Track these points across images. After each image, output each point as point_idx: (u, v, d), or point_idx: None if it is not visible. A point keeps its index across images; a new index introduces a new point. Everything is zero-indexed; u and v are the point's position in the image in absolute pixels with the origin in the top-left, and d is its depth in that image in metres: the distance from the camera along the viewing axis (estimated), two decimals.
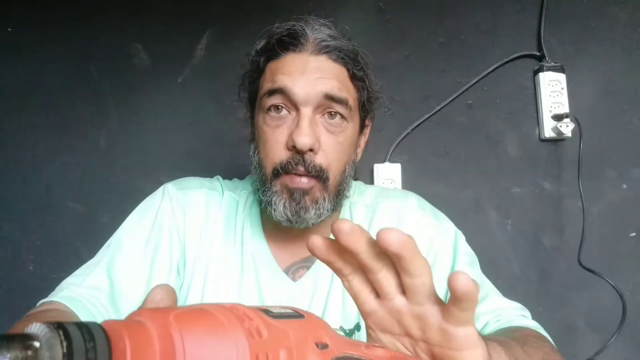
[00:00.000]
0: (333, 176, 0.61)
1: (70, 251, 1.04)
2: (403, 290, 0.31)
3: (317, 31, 0.62)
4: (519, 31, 1.06)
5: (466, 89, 1.05)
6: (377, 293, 0.32)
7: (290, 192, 0.59)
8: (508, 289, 1.00)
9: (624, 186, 1.02)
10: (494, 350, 0.34)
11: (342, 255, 0.31)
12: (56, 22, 1.11)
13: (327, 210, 0.61)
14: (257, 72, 0.65)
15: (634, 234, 1.01)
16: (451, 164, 1.04)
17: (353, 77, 0.63)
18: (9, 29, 1.12)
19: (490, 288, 0.66)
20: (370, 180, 1.04)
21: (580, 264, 0.91)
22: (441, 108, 1.05)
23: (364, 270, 0.31)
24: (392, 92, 1.07)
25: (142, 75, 1.10)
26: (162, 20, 1.11)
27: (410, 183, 1.03)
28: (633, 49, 1.05)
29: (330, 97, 0.59)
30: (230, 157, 1.05)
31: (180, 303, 0.64)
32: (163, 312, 0.24)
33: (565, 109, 1.02)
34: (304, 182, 0.59)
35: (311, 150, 0.58)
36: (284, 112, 0.60)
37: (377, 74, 1.07)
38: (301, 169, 0.58)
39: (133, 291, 0.60)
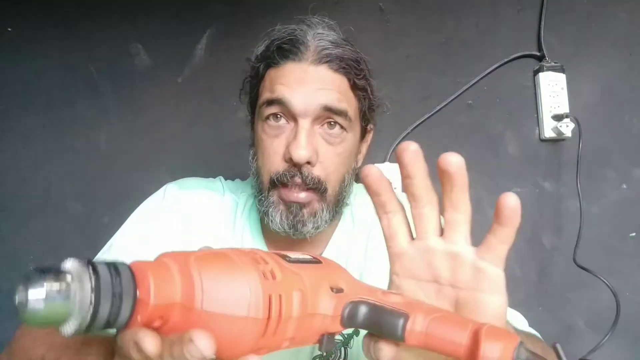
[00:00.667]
0: (332, 187, 0.60)
1: (70, 251, 1.04)
2: (440, 232, 0.33)
3: (318, 37, 0.61)
4: (519, 31, 1.06)
5: (466, 89, 1.05)
6: (412, 237, 0.33)
7: (287, 205, 0.58)
8: (508, 289, 1.00)
9: (624, 186, 1.02)
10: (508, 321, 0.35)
11: (390, 190, 0.33)
12: (56, 22, 1.11)
13: (325, 221, 0.60)
14: (256, 78, 0.64)
15: (634, 234, 1.01)
16: None
17: (354, 87, 0.62)
18: (9, 29, 1.12)
19: None
20: None
21: (575, 262, 0.92)
22: (441, 108, 1.05)
23: (410, 201, 0.33)
24: (392, 92, 1.07)
25: (142, 75, 1.10)
26: (162, 20, 1.10)
27: None
28: (633, 49, 1.05)
29: (329, 109, 0.58)
30: (231, 157, 1.05)
31: None
32: (185, 254, 0.26)
33: (565, 109, 1.02)
34: (301, 196, 0.58)
35: (309, 163, 0.57)
36: (283, 121, 0.59)
37: (377, 74, 1.07)
38: (298, 180, 0.57)
39: None
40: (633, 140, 1.03)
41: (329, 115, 0.58)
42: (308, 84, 0.58)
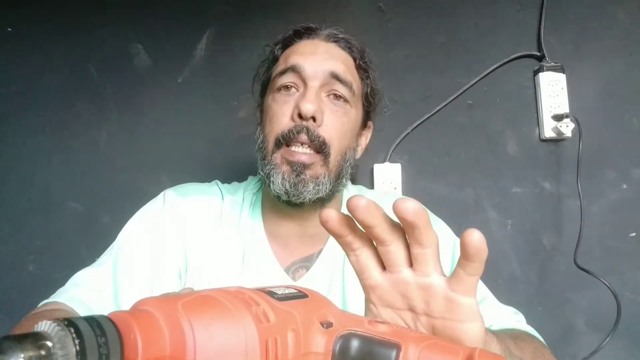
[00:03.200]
0: (334, 154, 0.62)
1: (70, 251, 1.04)
2: (410, 263, 0.32)
3: (329, 27, 0.68)
4: (519, 31, 1.06)
5: (466, 89, 1.05)
6: (383, 267, 0.33)
7: (291, 164, 0.60)
8: (508, 289, 1.00)
9: (624, 186, 1.02)
10: (487, 334, 0.35)
11: (352, 230, 0.32)
12: (56, 22, 1.11)
13: (327, 188, 0.61)
14: (272, 61, 0.69)
15: (634, 234, 1.01)
16: (451, 164, 1.04)
17: (359, 67, 0.68)
18: (9, 29, 1.12)
19: (486, 293, 0.66)
20: (370, 180, 1.04)
21: (576, 264, 0.91)
22: (441, 108, 1.05)
23: (375, 243, 0.32)
24: (392, 92, 1.07)
25: (142, 75, 1.10)
26: (162, 20, 1.11)
27: (410, 183, 1.03)
28: (633, 49, 1.05)
29: (336, 76, 0.63)
30: (230, 157, 1.05)
31: None
32: (169, 301, 0.24)
33: (565, 109, 1.02)
34: (305, 156, 0.60)
35: (314, 120, 0.60)
36: (293, 90, 0.63)
37: (377, 74, 1.07)
38: (304, 137, 0.60)
39: (137, 294, 0.60)
40: (633, 140, 1.03)
41: (335, 83, 0.63)
42: (318, 54, 0.64)
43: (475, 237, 0.29)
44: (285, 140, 0.60)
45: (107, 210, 1.06)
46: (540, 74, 1.03)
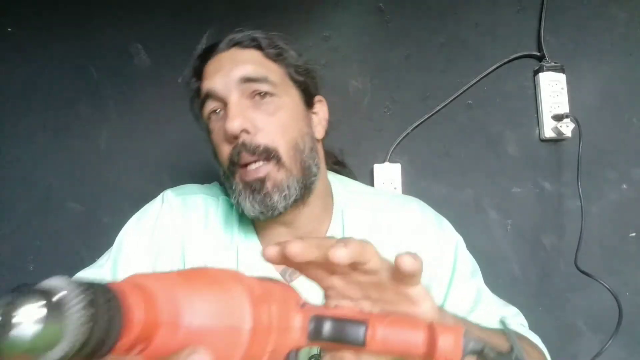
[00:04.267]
0: (285, 152, 0.60)
1: (70, 251, 1.04)
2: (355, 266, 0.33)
3: (229, 35, 0.65)
4: (519, 31, 1.06)
5: (466, 89, 1.05)
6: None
7: (250, 186, 0.59)
8: (508, 289, 1.00)
9: (624, 186, 1.02)
10: (441, 309, 0.38)
11: (299, 256, 0.32)
12: (56, 22, 1.11)
13: (295, 189, 0.60)
14: (196, 95, 0.67)
15: (634, 234, 1.01)
16: (451, 164, 1.04)
17: (268, 56, 0.64)
18: (9, 29, 1.12)
19: (488, 297, 0.65)
20: (370, 180, 1.04)
21: (576, 266, 0.91)
22: (441, 108, 1.05)
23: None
24: (392, 92, 1.07)
25: (142, 75, 1.10)
26: (162, 20, 1.11)
27: (410, 183, 1.03)
28: (633, 49, 1.05)
29: (247, 79, 0.60)
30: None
31: None
32: (163, 273, 0.25)
33: (565, 109, 1.02)
34: (258, 171, 0.59)
35: (247, 133, 0.58)
36: (221, 112, 0.62)
37: (377, 74, 1.07)
38: (245, 155, 0.58)
39: None
40: (633, 140, 1.03)
41: (250, 85, 0.60)
42: (224, 67, 0.62)
43: (407, 263, 0.31)
44: (235, 165, 0.60)
45: (107, 210, 1.06)
46: (540, 74, 1.03)
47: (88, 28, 1.11)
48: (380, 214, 0.68)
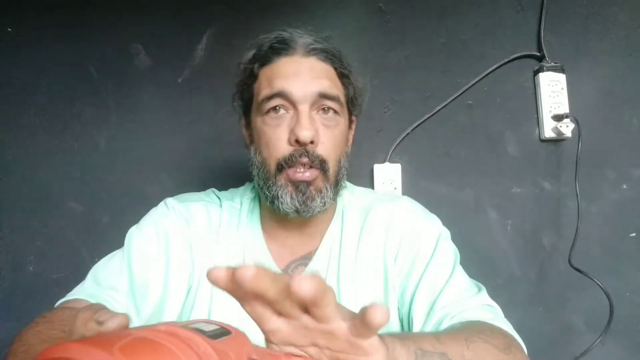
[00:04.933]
0: (332, 166, 0.65)
1: (70, 251, 1.04)
2: (306, 309, 0.31)
3: (303, 37, 0.67)
4: (519, 31, 1.06)
5: (466, 89, 1.05)
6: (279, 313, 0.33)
7: (295, 185, 0.62)
8: (507, 289, 1.00)
9: (624, 186, 1.02)
10: (394, 350, 0.36)
11: (249, 285, 0.30)
12: (56, 22, 1.11)
13: (330, 198, 0.64)
14: (251, 79, 0.68)
15: (634, 234, 1.01)
16: (451, 164, 1.04)
17: (341, 75, 0.68)
18: (9, 29, 1.12)
19: (457, 282, 0.64)
20: (370, 180, 1.04)
21: (570, 263, 0.92)
22: (441, 108, 1.05)
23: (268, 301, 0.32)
24: (392, 92, 1.07)
25: (142, 75, 1.10)
26: (162, 20, 1.10)
27: (410, 183, 1.04)
28: (633, 49, 1.05)
29: (324, 95, 0.64)
30: (231, 157, 1.05)
31: (188, 306, 0.65)
32: (104, 345, 0.21)
33: (565, 109, 1.02)
34: (307, 174, 0.62)
35: (312, 142, 0.62)
36: (282, 111, 0.64)
37: (377, 74, 1.07)
38: (305, 160, 0.62)
39: (150, 293, 0.63)
40: (633, 140, 1.03)
41: (323, 101, 0.64)
42: (303, 75, 0.64)
43: (378, 316, 0.29)
44: (288, 165, 0.62)
45: (107, 210, 1.06)
46: (540, 74, 1.03)
47: (88, 28, 1.11)
48: (371, 211, 0.71)
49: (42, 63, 1.10)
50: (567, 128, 0.99)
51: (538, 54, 1.05)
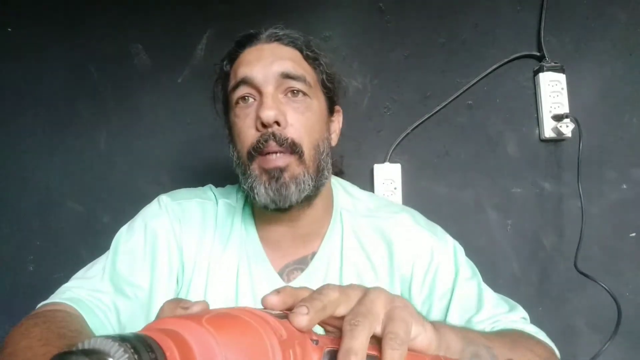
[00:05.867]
0: (307, 150, 0.62)
1: (70, 251, 1.04)
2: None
3: (269, 29, 0.67)
4: (519, 31, 1.06)
5: (466, 89, 1.05)
6: None
7: (268, 173, 0.60)
8: (508, 289, 1.00)
9: (624, 186, 1.02)
10: (445, 333, 0.37)
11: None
12: (56, 22, 1.11)
13: (309, 185, 0.61)
14: (224, 78, 0.68)
15: (634, 234, 1.01)
16: (451, 164, 1.04)
17: (307, 58, 0.67)
18: (9, 29, 1.12)
19: (488, 295, 0.65)
20: (370, 180, 1.04)
21: (576, 268, 0.91)
22: (441, 108, 1.05)
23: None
24: (392, 92, 1.07)
25: (142, 75, 1.10)
26: (162, 20, 1.11)
27: (410, 183, 1.03)
28: (633, 49, 1.05)
29: (287, 75, 0.62)
30: (230, 157, 1.05)
31: None
32: (194, 319, 0.24)
33: (565, 109, 1.02)
34: (279, 160, 0.60)
35: (278, 124, 0.60)
36: (251, 100, 0.63)
37: (377, 74, 1.07)
38: (272, 144, 0.59)
39: (136, 294, 0.61)
40: (633, 140, 1.03)
41: (288, 82, 0.63)
42: (264, 58, 0.64)
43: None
44: (257, 152, 0.61)
45: (107, 210, 1.06)
46: (540, 74, 1.03)
47: (88, 28, 1.11)
48: (374, 220, 0.69)
49: (42, 63, 1.10)
50: (567, 128, 0.99)
51: (538, 54, 1.05)
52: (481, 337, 0.43)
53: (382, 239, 0.67)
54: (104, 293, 0.61)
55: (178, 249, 0.66)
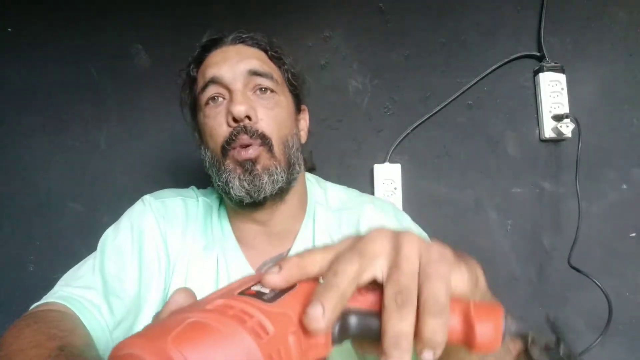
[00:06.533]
0: (277, 144, 0.64)
1: (70, 251, 1.04)
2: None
3: (232, 32, 0.70)
4: (519, 31, 1.06)
5: (466, 89, 1.05)
6: None
7: (242, 165, 0.62)
8: (508, 289, 1.00)
9: (624, 186, 1.02)
10: (470, 259, 0.33)
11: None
12: (56, 22, 1.11)
13: (282, 178, 0.63)
14: (191, 82, 0.70)
15: (634, 234, 1.01)
16: (451, 164, 1.04)
17: (272, 57, 0.69)
18: (9, 29, 1.12)
19: None
20: (370, 180, 1.04)
21: (569, 264, 0.92)
22: (441, 108, 1.05)
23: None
24: (392, 92, 1.07)
25: (142, 75, 1.10)
26: (162, 20, 1.11)
27: (410, 183, 1.03)
28: (633, 49, 1.05)
29: (254, 72, 0.65)
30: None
31: (161, 305, 0.65)
32: (156, 338, 0.22)
33: (565, 109, 1.02)
34: (250, 152, 0.62)
35: (249, 119, 0.62)
36: (220, 99, 0.65)
37: (377, 74, 1.07)
38: (244, 137, 0.61)
39: (126, 290, 0.63)
40: (633, 140, 1.03)
41: (256, 79, 0.65)
42: (231, 58, 0.66)
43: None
44: (230, 145, 0.62)
45: (107, 210, 1.06)
46: (540, 74, 1.03)
47: (88, 28, 1.11)
48: (344, 213, 0.71)
49: (42, 63, 1.10)
50: (567, 128, 0.99)
51: (538, 54, 1.05)
52: None
53: (352, 229, 0.69)
54: (96, 291, 0.62)
55: (164, 247, 0.67)
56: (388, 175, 1.03)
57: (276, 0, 1.09)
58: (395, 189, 1.02)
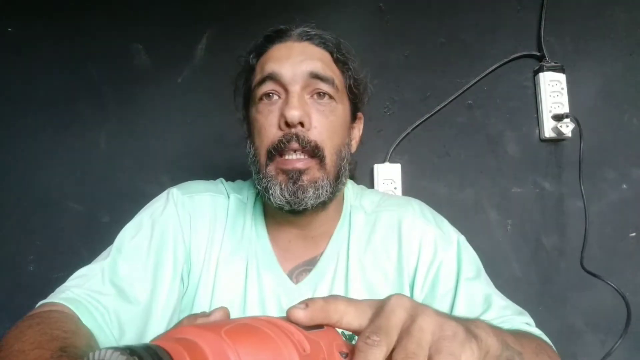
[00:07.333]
0: (329, 155, 0.61)
1: (70, 251, 1.04)
2: None
3: (300, 26, 0.66)
4: (519, 31, 1.06)
5: (466, 89, 1.05)
6: None
7: (287, 173, 0.59)
8: (508, 290, 1.00)
9: (624, 186, 1.02)
10: (487, 337, 0.34)
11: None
12: (56, 22, 1.11)
13: (327, 191, 0.60)
14: (249, 71, 0.67)
15: (634, 234, 1.01)
16: (451, 164, 1.04)
17: (337, 61, 0.66)
18: (9, 29, 1.12)
19: (495, 296, 0.64)
20: (370, 180, 1.04)
21: (583, 268, 0.91)
22: (441, 108, 1.05)
23: None
24: (392, 92, 1.07)
25: (142, 75, 1.10)
26: (162, 20, 1.11)
27: (410, 183, 1.03)
28: (633, 49, 1.05)
29: (315, 76, 0.61)
30: (231, 157, 1.05)
31: (187, 306, 0.64)
32: (213, 329, 0.24)
33: (565, 109, 1.02)
34: (299, 162, 0.59)
35: (302, 125, 0.59)
36: (275, 97, 0.61)
37: (377, 74, 1.07)
38: (295, 145, 0.58)
39: (136, 296, 0.59)
40: (633, 140, 1.03)
41: (316, 82, 0.61)
42: (294, 57, 0.62)
43: None
44: (277, 151, 0.59)
45: (107, 210, 1.06)
46: (540, 74, 1.03)
47: (88, 28, 1.11)
48: (379, 214, 0.68)
49: (42, 63, 1.10)
50: (567, 128, 0.99)
51: (538, 53, 1.05)
52: (512, 338, 0.41)
53: (390, 231, 0.66)
54: (104, 295, 0.58)
55: (185, 248, 0.64)
56: (388, 175, 1.03)
57: (276, 0, 1.09)
58: (395, 188, 1.02)
